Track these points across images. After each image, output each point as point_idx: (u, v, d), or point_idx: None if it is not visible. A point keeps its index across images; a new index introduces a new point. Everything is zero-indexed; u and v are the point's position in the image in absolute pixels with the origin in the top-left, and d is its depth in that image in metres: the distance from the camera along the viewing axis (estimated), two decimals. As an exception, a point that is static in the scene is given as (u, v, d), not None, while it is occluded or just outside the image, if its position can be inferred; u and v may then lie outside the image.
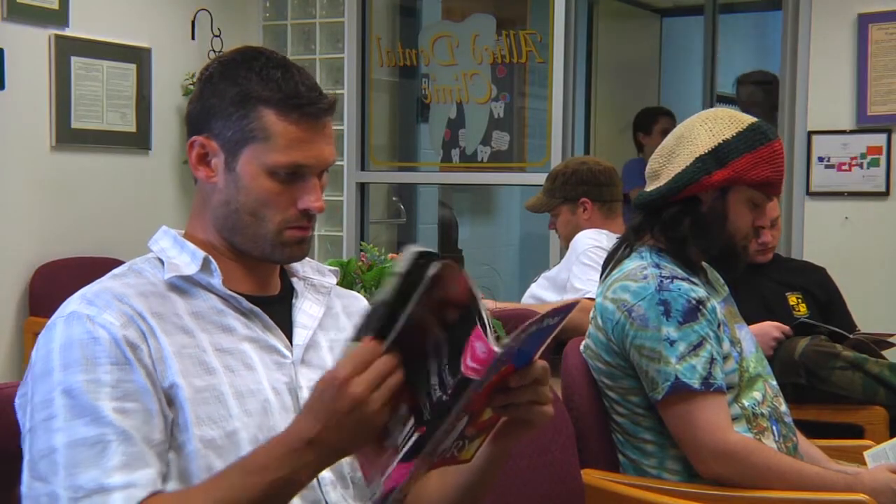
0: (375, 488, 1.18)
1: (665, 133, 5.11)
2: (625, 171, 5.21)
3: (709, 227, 2.15)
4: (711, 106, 5.22)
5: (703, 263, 2.27)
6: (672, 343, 2.05)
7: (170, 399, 1.31)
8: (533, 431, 1.32)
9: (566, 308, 1.22)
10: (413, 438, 1.14)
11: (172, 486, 1.30)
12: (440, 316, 1.11)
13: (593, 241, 3.29)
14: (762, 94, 5.24)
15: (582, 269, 3.24)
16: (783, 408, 2.20)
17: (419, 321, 1.12)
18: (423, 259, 1.08)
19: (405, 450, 1.15)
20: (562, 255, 3.56)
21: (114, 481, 1.23)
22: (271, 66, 1.39)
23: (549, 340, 1.25)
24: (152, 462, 1.27)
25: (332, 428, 1.17)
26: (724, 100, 7.32)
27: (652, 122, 5.55)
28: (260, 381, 1.37)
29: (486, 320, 1.12)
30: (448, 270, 1.07)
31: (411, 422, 1.15)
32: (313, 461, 1.20)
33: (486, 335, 1.12)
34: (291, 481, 1.21)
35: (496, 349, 1.10)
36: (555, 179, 3.46)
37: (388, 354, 1.15)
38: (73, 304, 1.34)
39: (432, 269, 1.07)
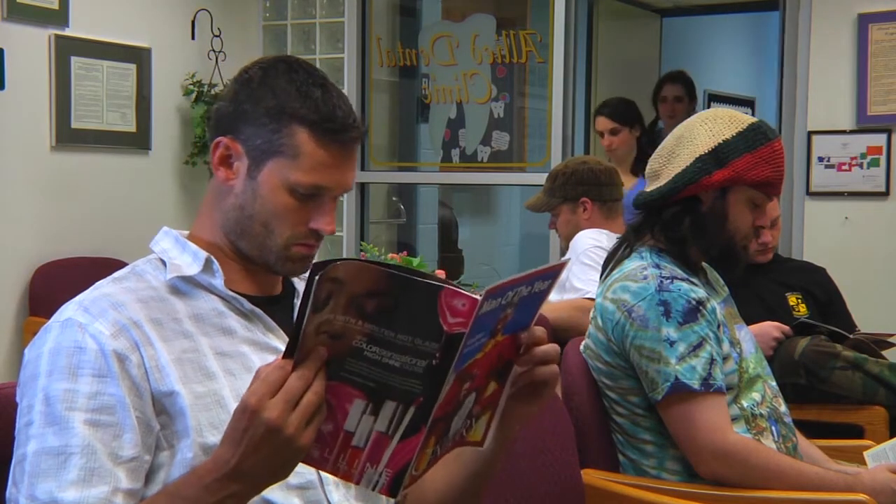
0: (374, 478, 1.16)
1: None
2: None
3: (709, 227, 2.15)
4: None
5: (703, 264, 2.27)
6: (672, 343, 2.05)
7: (167, 408, 1.31)
8: (540, 403, 1.31)
9: (556, 269, 1.22)
10: (410, 412, 1.13)
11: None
12: (360, 310, 1.09)
13: (593, 241, 3.29)
14: (683, 88, 5.10)
15: (582, 269, 3.24)
16: (783, 408, 2.20)
17: (329, 327, 1.10)
18: (317, 270, 1.07)
19: (403, 426, 1.14)
20: (562, 255, 3.57)
21: (66, 496, 1.23)
22: (311, 82, 1.38)
23: (541, 305, 1.26)
24: (111, 479, 1.25)
25: (250, 456, 1.13)
26: (718, 98, 7.33)
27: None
28: (261, 383, 1.37)
29: (439, 283, 1.12)
30: (342, 271, 1.06)
31: (391, 405, 1.13)
32: (239, 491, 1.16)
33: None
34: None
35: (476, 296, 1.10)
36: (555, 179, 3.46)
37: (299, 371, 1.11)
38: (70, 310, 1.34)
39: (316, 277, 1.06)
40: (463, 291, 1.09)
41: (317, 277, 1.06)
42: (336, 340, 1.11)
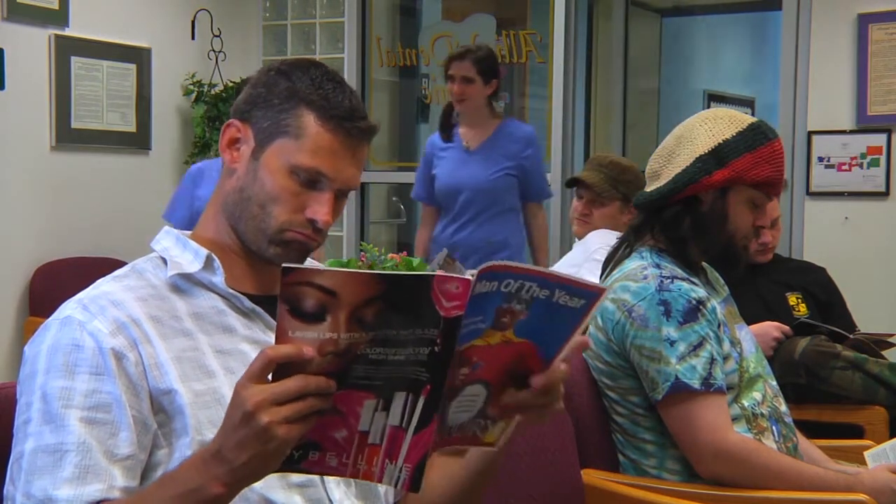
0: (395, 474, 1.16)
1: None
2: None
3: (709, 227, 2.15)
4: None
5: (703, 263, 2.27)
6: (672, 343, 2.05)
7: (165, 406, 1.31)
8: (543, 420, 1.29)
9: (591, 289, 1.14)
10: (420, 402, 1.13)
11: None
12: (361, 322, 1.08)
13: (605, 242, 3.27)
14: (474, 68, 3.98)
15: (595, 266, 3.22)
16: (783, 408, 2.20)
17: (335, 347, 1.08)
18: (287, 271, 1.06)
19: (416, 418, 1.13)
20: (561, 253, 3.54)
21: (61, 493, 1.23)
22: (327, 78, 1.42)
23: (576, 330, 1.18)
24: (106, 477, 1.25)
25: (229, 438, 1.10)
26: (718, 98, 7.33)
27: None
28: (260, 381, 1.37)
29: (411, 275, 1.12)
30: (331, 281, 1.05)
31: (400, 396, 1.12)
32: (221, 474, 1.12)
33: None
34: (201, 494, 1.14)
35: (468, 276, 1.10)
36: (624, 172, 3.31)
37: (297, 380, 1.07)
38: (69, 307, 1.34)
39: (287, 278, 1.04)
40: (454, 275, 1.10)
41: (287, 278, 1.05)
42: (341, 357, 1.10)
